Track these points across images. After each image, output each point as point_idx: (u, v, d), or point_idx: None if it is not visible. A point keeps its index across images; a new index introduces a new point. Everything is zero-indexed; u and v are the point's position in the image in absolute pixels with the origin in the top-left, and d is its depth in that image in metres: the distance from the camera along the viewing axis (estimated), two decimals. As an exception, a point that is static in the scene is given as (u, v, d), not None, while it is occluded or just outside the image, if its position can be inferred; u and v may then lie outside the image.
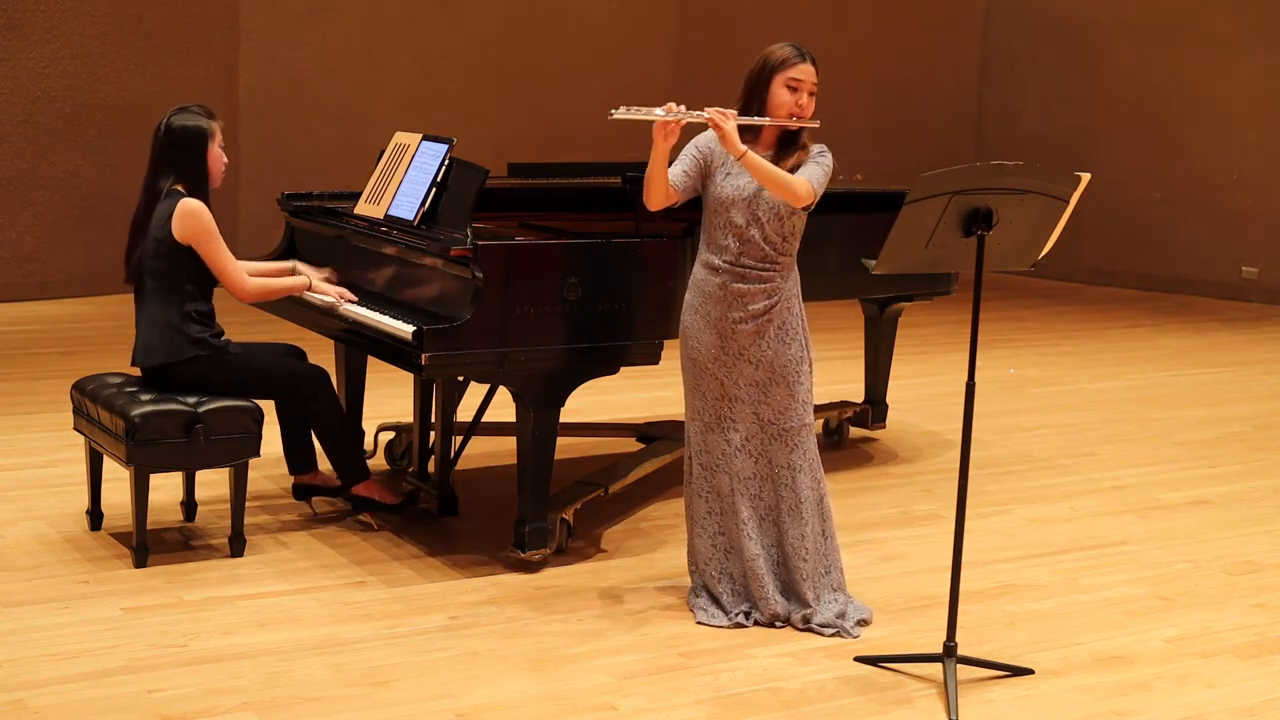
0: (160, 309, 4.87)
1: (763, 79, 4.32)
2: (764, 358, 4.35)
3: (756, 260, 4.32)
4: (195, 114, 4.93)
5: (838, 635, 4.35)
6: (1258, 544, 5.44)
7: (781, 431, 4.38)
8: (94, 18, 9.57)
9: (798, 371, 4.38)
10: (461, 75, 10.88)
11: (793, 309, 4.38)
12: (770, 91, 4.30)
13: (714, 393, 4.41)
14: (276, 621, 4.34)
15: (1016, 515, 5.69)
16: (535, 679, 4.00)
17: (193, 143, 4.90)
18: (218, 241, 4.84)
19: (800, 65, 4.30)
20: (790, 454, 4.38)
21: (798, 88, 4.29)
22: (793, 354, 4.37)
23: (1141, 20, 11.88)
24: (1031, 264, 4.15)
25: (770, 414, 4.38)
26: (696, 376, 4.43)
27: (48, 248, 9.62)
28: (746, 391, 4.37)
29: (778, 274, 4.34)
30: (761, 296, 4.33)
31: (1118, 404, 7.77)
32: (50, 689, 3.82)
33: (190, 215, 4.81)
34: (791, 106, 4.29)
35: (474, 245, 4.60)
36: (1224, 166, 11.52)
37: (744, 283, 4.33)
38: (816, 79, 4.33)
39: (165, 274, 4.85)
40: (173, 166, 4.89)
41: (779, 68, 4.30)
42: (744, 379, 4.37)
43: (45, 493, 5.47)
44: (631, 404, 7.08)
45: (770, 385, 4.36)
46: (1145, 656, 4.33)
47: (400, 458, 5.91)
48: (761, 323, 4.33)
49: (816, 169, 4.29)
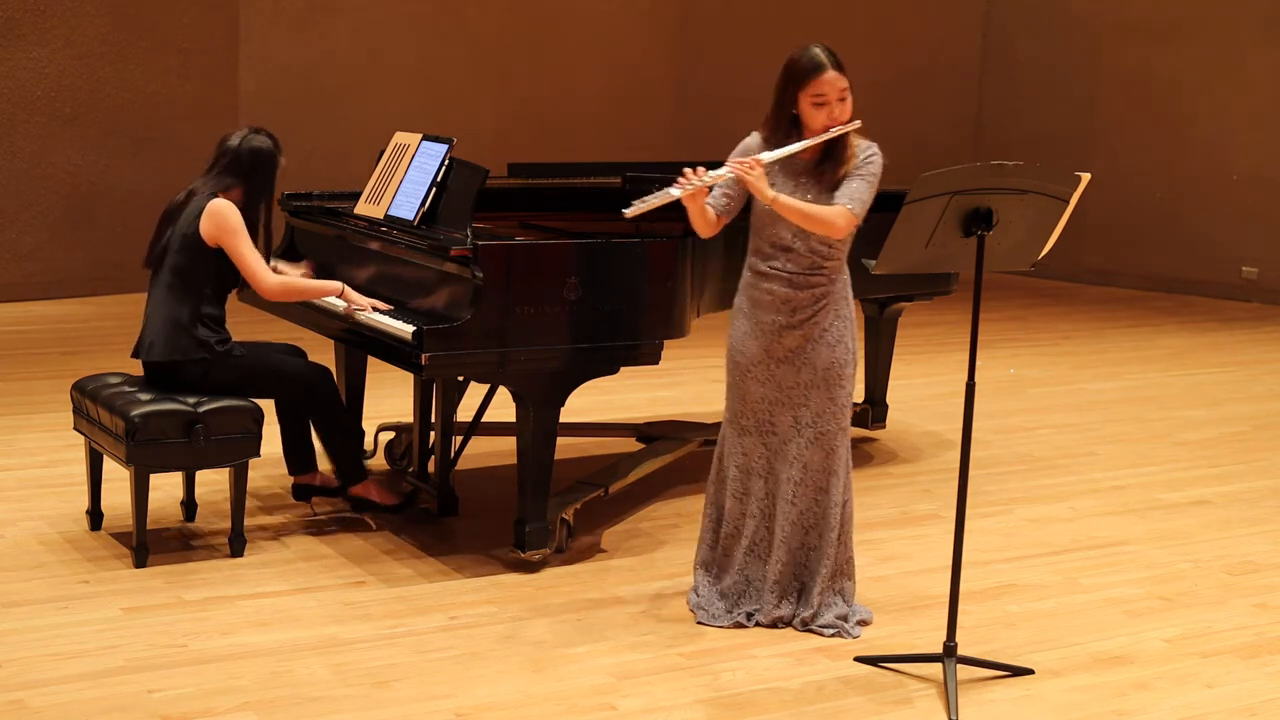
0: (173, 306, 4.87)
1: (788, 95, 4.20)
2: (808, 360, 4.30)
3: (804, 268, 4.26)
4: (270, 140, 5.00)
5: (838, 635, 4.35)
6: (1258, 544, 5.43)
7: (818, 435, 4.33)
8: (94, 18, 9.57)
9: (840, 375, 4.32)
10: (461, 75, 10.88)
11: (840, 312, 4.32)
12: (800, 108, 4.19)
13: (755, 396, 4.36)
14: (276, 621, 4.34)
15: (1016, 515, 5.69)
16: (535, 679, 4.00)
17: (264, 165, 4.96)
18: (243, 237, 4.85)
19: (822, 77, 4.15)
20: (826, 458, 4.34)
21: (824, 101, 4.16)
22: (838, 357, 4.31)
23: (1141, 20, 11.88)
24: (1031, 264, 4.15)
25: (809, 417, 4.33)
26: (739, 379, 4.38)
27: (48, 248, 9.62)
28: (788, 395, 4.32)
29: (825, 278, 4.28)
30: (809, 301, 4.27)
31: (1118, 404, 7.77)
32: (50, 689, 3.82)
33: (218, 213, 4.82)
34: (824, 120, 4.17)
35: (474, 245, 4.60)
36: (1224, 166, 11.52)
37: (791, 288, 4.27)
38: (845, 82, 4.18)
39: (185, 271, 4.86)
40: (235, 177, 4.93)
41: (800, 85, 4.17)
42: (786, 382, 4.32)
43: (45, 493, 5.47)
44: (631, 404, 7.08)
45: (812, 389, 4.31)
46: (1145, 656, 4.33)
47: (400, 458, 5.91)
48: (809, 327, 4.28)
49: (859, 184, 4.18)
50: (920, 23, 12.68)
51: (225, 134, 5.03)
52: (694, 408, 7.04)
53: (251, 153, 4.95)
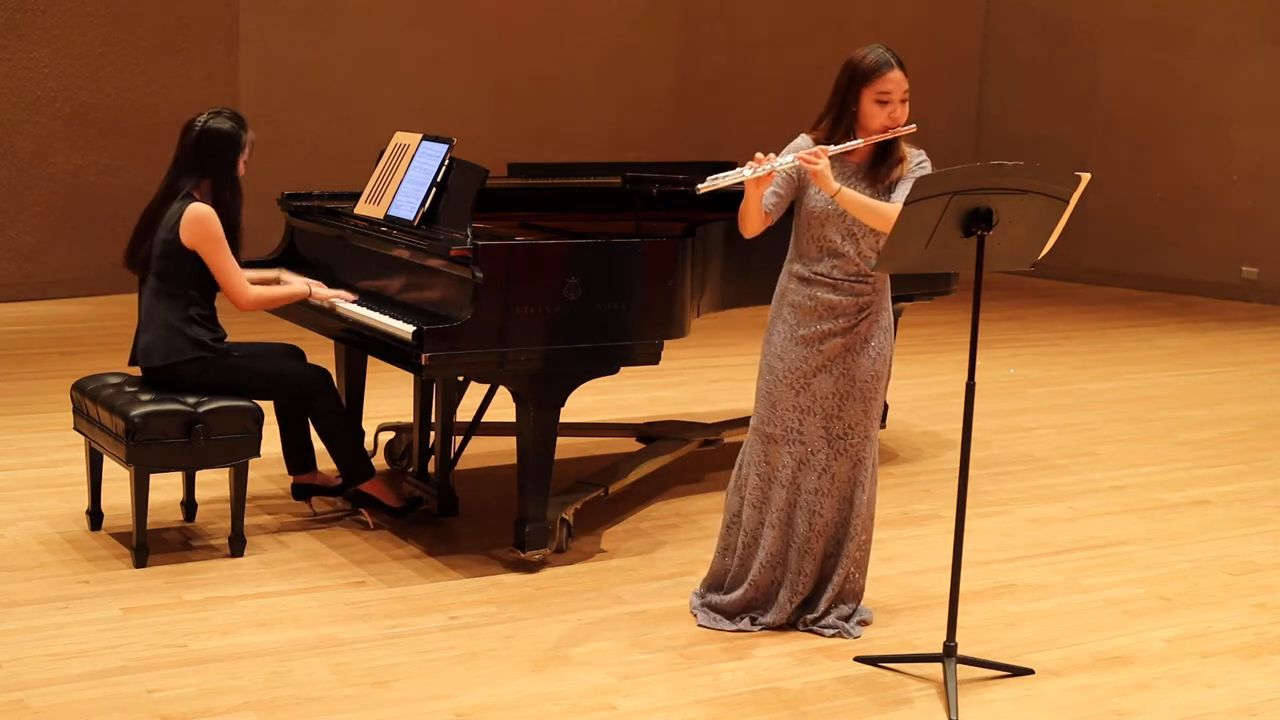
0: (163, 310, 4.86)
1: (851, 92, 4.17)
2: (846, 371, 4.25)
3: (850, 274, 4.22)
4: (230, 119, 4.91)
5: (838, 635, 4.35)
6: (1258, 544, 5.43)
7: (848, 447, 4.29)
8: (94, 18, 9.57)
9: (875, 386, 4.29)
10: (462, 75, 10.88)
11: (881, 321, 4.28)
12: (860, 106, 4.16)
13: (786, 404, 4.29)
14: (276, 621, 4.34)
15: (1016, 515, 5.69)
16: (535, 679, 4.00)
17: (224, 149, 4.88)
18: (223, 248, 4.82)
19: (888, 75, 4.14)
20: (854, 469, 4.31)
21: (888, 100, 4.15)
22: (877, 370, 4.27)
23: (1140, 20, 11.88)
24: (1031, 264, 4.15)
25: (840, 428, 4.28)
26: (773, 385, 4.31)
27: (48, 248, 9.61)
28: (821, 404, 4.26)
29: (870, 286, 4.24)
30: (853, 309, 4.23)
31: (1118, 404, 7.77)
32: (50, 689, 3.82)
33: (197, 221, 4.80)
34: (885, 120, 4.15)
35: (474, 245, 4.60)
36: (1224, 166, 11.51)
37: (836, 294, 4.22)
38: (907, 83, 4.18)
39: (170, 275, 4.85)
40: (198, 169, 4.87)
41: (866, 81, 4.14)
42: (821, 392, 4.26)
43: (45, 493, 5.47)
44: (631, 404, 7.08)
45: (847, 399, 4.26)
46: (1145, 656, 4.33)
47: (400, 458, 5.91)
48: (851, 336, 4.24)
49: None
50: (920, 22, 12.68)
51: (189, 119, 4.94)
52: (694, 408, 7.04)
53: (209, 136, 4.86)
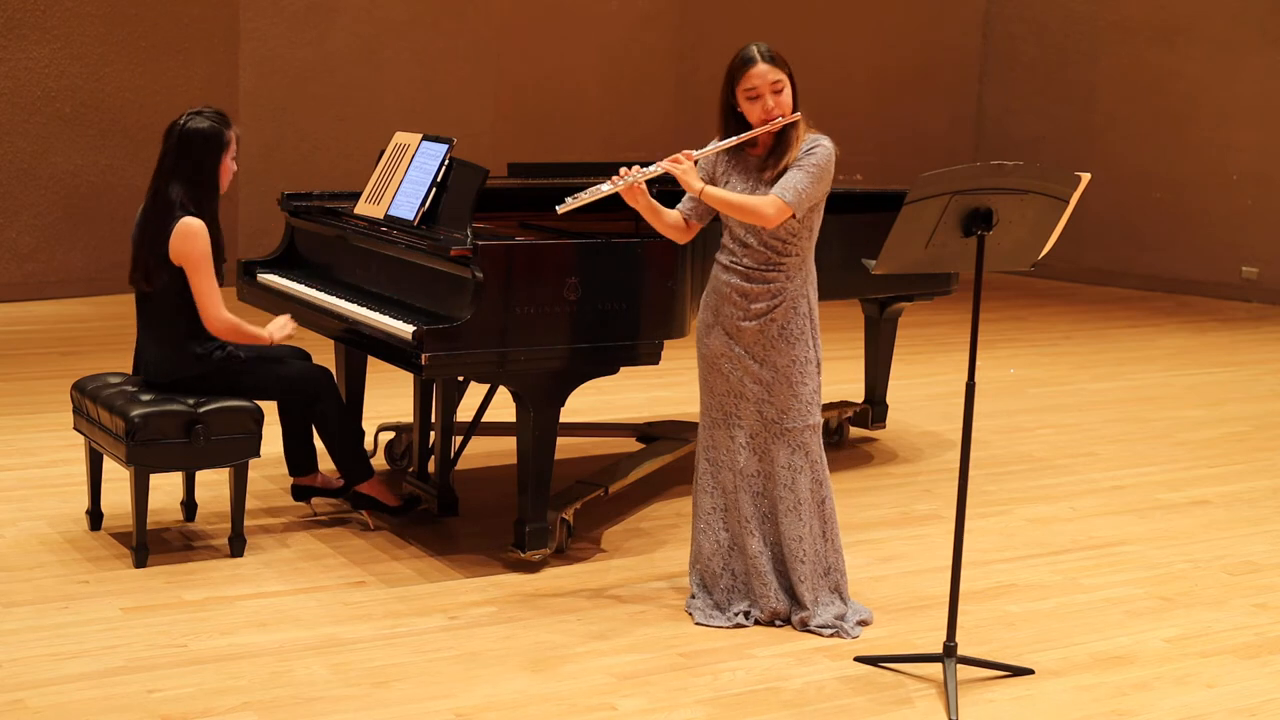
0: (163, 325, 4.85)
1: (726, 91, 4.30)
2: (767, 357, 4.35)
3: (758, 262, 4.32)
4: (211, 119, 4.86)
5: (836, 635, 4.35)
6: (1258, 544, 5.43)
7: (784, 431, 4.37)
8: (94, 18, 9.58)
9: (802, 372, 4.37)
10: (461, 75, 10.88)
11: (799, 309, 4.36)
12: (739, 104, 4.27)
13: (721, 389, 4.42)
14: (276, 621, 4.34)
15: (1016, 515, 5.69)
16: (535, 679, 4.00)
17: (206, 150, 4.83)
18: (206, 267, 4.77)
19: (751, 71, 4.22)
20: (791, 454, 4.38)
21: (757, 94, 4.23)
22: (797, 354, 4.36)
23: (1141, 20, 11.88)
24: (1031, 264, 4.15)
25: (773, 413, 4.37)
26: (706, 372, 4.45)
27: (48, 248, 9.62)
28: (751, 389, 4.37)
29: (782, 274, 4.33)
30: (764, 297, 4.33)
31: (1118, 404, 7.77)
32: (50, 689, 3.82)
33: (185, 237, 4.76)
34: (759, 113, 4.24)
35: (474, 245, 4.60)
36: (1224, 166, 11.52)
37: (748, 282, 4.33)
38: (777, 75, 4.22)
39: (166, 290, 4.82)
40: (182, 172, 4.83)
41: (735, 80, 4.25)
42: (749, 377, 4.37)
43: (45, 493, 5.47)
44: (631, 404, 7.09)
45: (774, 385, 4.36)
46: (1145, 656, 4.33)
47: (400, 458, 5.91)
48: (764, 322, 4.33)
49: (796, 175, 4.22)
50: (920, 22, 12.68)
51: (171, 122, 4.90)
52: (694, 408, 6.98)
53: (190, 138, 4.82)
